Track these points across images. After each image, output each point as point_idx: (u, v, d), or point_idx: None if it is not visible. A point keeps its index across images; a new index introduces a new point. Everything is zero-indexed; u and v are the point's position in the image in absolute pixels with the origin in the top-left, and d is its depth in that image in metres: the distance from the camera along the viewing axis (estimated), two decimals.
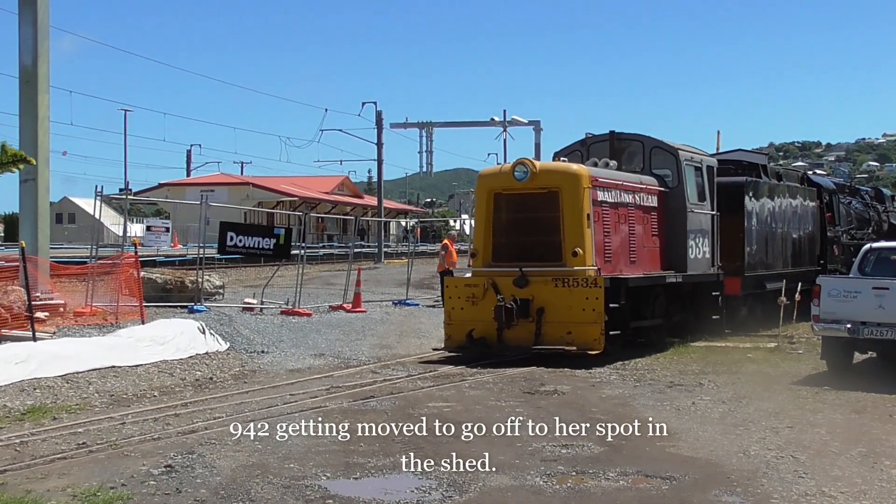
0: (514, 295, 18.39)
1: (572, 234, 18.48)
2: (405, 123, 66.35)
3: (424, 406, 13.55)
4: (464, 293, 19.05)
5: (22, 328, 18.58)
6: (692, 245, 21.63)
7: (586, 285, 18.11)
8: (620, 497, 8.99)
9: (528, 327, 18.31)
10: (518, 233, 19.12)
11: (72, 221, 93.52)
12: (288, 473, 9.70)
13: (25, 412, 13.16)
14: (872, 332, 15.91)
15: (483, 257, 19.30)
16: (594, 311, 17.99)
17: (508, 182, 19.00)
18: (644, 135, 21.95)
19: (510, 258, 18.95)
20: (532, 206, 18.97)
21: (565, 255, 18.48)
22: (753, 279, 24.65)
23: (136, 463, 10.10)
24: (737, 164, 25.98)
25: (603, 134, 22.01)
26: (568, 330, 18.10)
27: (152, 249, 38.86)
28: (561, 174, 19.02)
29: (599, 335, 17.94)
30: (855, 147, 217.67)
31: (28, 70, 23.42)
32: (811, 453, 10.71)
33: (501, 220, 19.19)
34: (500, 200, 19.20)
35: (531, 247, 18.92)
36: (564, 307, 18.14)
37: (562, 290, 18.22)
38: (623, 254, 19.90)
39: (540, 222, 18.95)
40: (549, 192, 18.78)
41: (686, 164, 21.65)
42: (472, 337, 18.73)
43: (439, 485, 9.30)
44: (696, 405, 13.64)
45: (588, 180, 18.77)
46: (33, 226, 22.94)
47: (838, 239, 30.66)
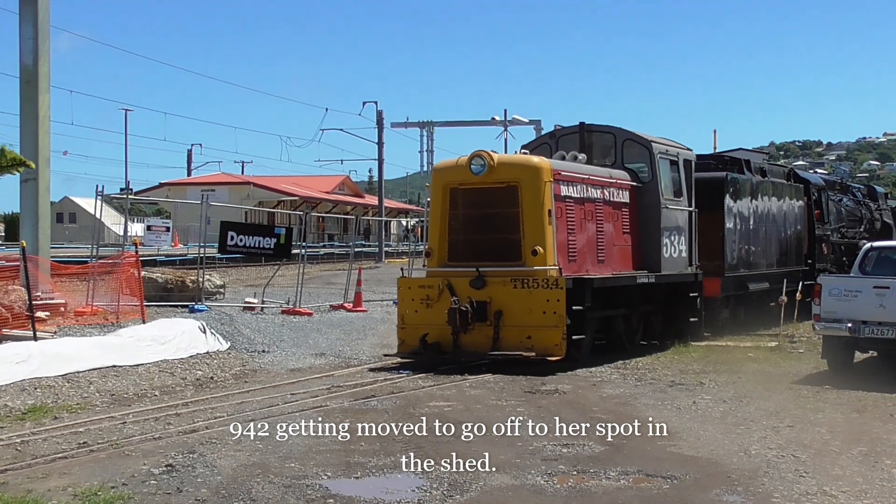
0: (470, 297, 17.29)
1: (532, 232, 17.40)
2: (406, 123, 66.42)
3: (425, 405, 13.55)
4: (418, 295, 17.90)
5: (23, 328, 18.58)
6: (667, 243, 20.55)
7: (546, 286, 16.97)
8: (621, 496, 8.99)
9: (486, 331, 17.23)
10: (475, 230, 18.00)
11: (72, 221, 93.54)
12: (289, 473, 9.70)
13: (26, 412, 13.16)
14: (873, 332, 15.92)
15: (438, 257, 18.18)
16: (555, 314, 16.88)
17: (465, 176, 17.85)
18: (616, 126, 20.96)
19: (467, 257, 17.84)
20: (490, 201, 17.92)
21: (525, 254, 17.39)
22: (735, 280, 23.72)
23: (137, 462, 10.09)
24: (718, 160, 25.15)
25: (572, 126, 21.03)
26: (528, 334, 16.99)
27: (153, 249, 38.86)
28: (520, 167, 17.86)
29: (560, 340, 16.83)
30: (856, 146, 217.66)
31: (28, 70, 23.41)
32: (812, 452, 10.70)
33: (458, 217, 18.07)
34: (456, 196, 18.09)
35: (489, 245, 17.82)
36: (524, 310, 17.05)
37: (521, 292, 17.11)
38: (590, 253, 18.82)
39: (498, 219, 17.82)
40: (507, 187, 17.66)
41: (660, 158, 20.55)
42: (425, 342, 17.65)
43: (440, 484, 9.29)
44: (697, 404, 13.64)
45: (549, 174, 17.70)
46: (34, 225, 22.93)
47: (827, 237, 29.76)
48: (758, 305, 24.82)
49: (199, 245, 28.04)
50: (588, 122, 20.76)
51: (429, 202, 18.45)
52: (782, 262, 26.34)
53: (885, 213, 35.91)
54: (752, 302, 24.71)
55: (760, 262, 25.10)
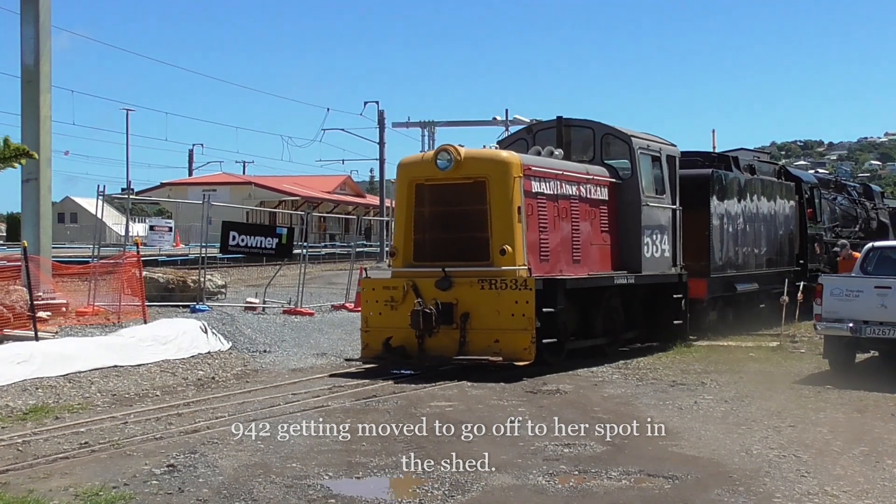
0: (436, 298, 16.49)
1: (500, 230, 16.58)
2: (407, 123, 66.44)
3: (426, 405, 13.54)
4: (382, 296, 17.05)
5: (24, 328, 18.59)
6: (648, 243, 19.70)
7: (515, 287, 16.16)
8: (623, 496, 8.99)
9: (452, 335, 16.42)
10: (442, 228, 17.18)
11: (74, 221, 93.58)
12: (290, 473, 9.70)
13: (28, 412, 13.16)
14: (875, 332, 15.92)
15: (403, 256, 17.34)
16: (524, 316, 16.07)
17: (431, 171, 17.05)
18: (595, 121, 20.05)
19: (434, 257, 17.00)
20: (457, 198, 17.04)
21: (493, 253, 16.57)
22: (722, 281, 22.94)
23: (138, 462, 10.09)
24: (705, 157, 24.31)
25: (550, 120, 20.26)
26: (495, 338, 16.18)
27: (154, 249, 38.87)
28: (488, 162, 17.02)
29: (530, 344, 16.01)
30: (857, 146, 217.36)
31: (30, 69, 23.42)
32: (813, 452, 10.70)
33: (424, 215, 17.24)
34: (422, 192, 17.25)
35: (457, 244, 17.00)
36: (491, 312, 16.26)
37: (488, 293, 16.31)
38: (564, 252, 18.00)
39: (466, 216, 17.02)
40: (474, 183, 16.83)
41: (641, 153, 19.68)
42: (389, 345, 16.81)
43: (441, 484, 9.29)
44: (699, 404, 13.63)
45: (519, 169, 16.85)
46: (35, 225, 22.94)
47: (820, 237, 28.92)
48: (747, 307, 24.31)
49: (201, 245, 28.05)
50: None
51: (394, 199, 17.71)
52: (772, 263, 25.69)
53: (881, 212, 35.17)
54: (740, 304, 24.10)
55: (749, 262, 24.40)
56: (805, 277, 25.78)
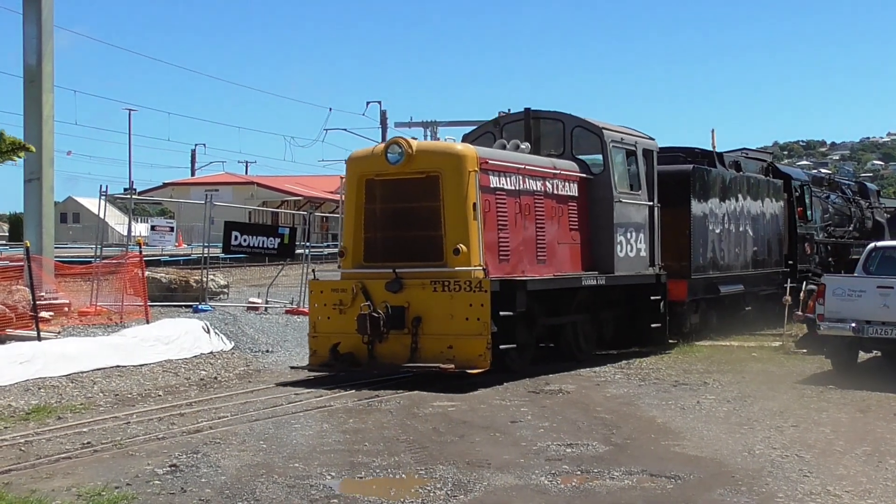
0: (386, 301, 15.52)
1: (454, 228, 15.55)
2: (410, 123, 66.33)
3: (429, 405, 13.55)
4: (330, 299, 16.06)
5: (26, 328, 18.60)
6: (622, 241, 18.66)
7: (469, 289, 15.13)
8: (625, 496, 8.99)
9: (403, 340, 15.44)
10: (394, 227, 16.18)
11: (76, 221, 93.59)
12: (293, 473, 9.70)
13: (30, 412, 13.18)
14: (877, 331, 15.91)
15: (353, 256, 16.32)
16: (479, 320, 15.06)
17: (381, 166, 16.02)
18: (565, 112, 18.92)
19: (385, 257, 16.03)
20: (409, 194, 16.03)
21: (447, 253, 15.54)
22: (704, 282, 21.78)
23: (140, 462, 10.10)
24: (688, 153, 23.20)
25: (517, 112, 19.21)
26: (449, 343, 15.18)
27: (157, 249, 38.82)
28: (440, 155, 15.97)
29: (485, 350, 15.02)
30: (860, 146, 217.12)
31: (32, 69, 23.43)
32: (816, 452, 10.69)
33: (374, 212, 16.25)
34: (372, 188, 16.26)
35: (409, 243, 16.02)
36: (444, 316, 15.25)
37: (441, 296, 15.30)
38: (527, 251, 16.94)
39: (418, 214, 16.00)
40: (427, 178, 15.81)
41: (613, 147, 18.64)
42: (337, 352, 15.86)
43: (444, 485, 9.29)
44: (701, 404, 13.63)
45: (475, 162, 15.76)
46: (38, 225, 22.95)
47: (811, 237, 27.81)
48: (732, 310, 23.38)
49: (203, 245, 28.05)
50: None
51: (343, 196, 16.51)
52: (759, 264, 24.57)
53: (876, 211, 34.23)
54: (725, 306, 23.06)
55: (734, 263, 23.30)
56: (794, 279, 25.03)
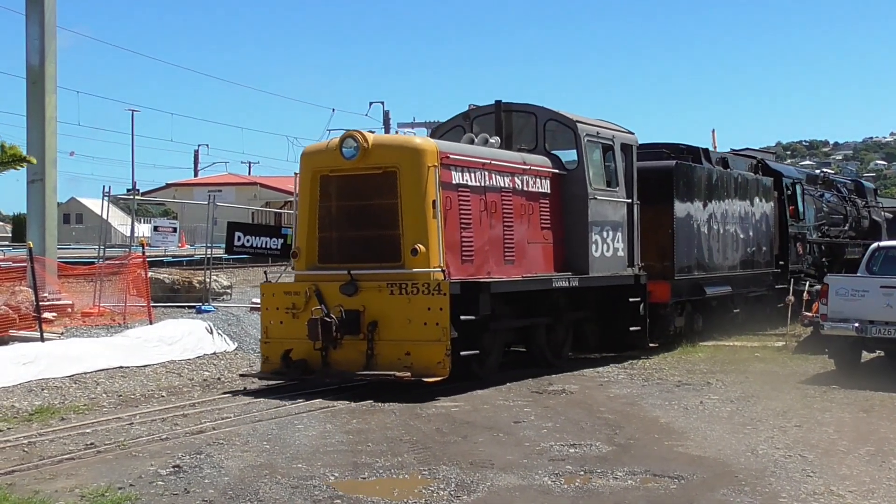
0: (341, 305, 14.71)
1: (412, 227, 14.72)
2: (413, 123, 66.36)
3: (432, 406, 13.55)
4: (282, 303, 15.29)
5: (30, 329, 18.62)
6: (597, 241, 17.81)
7: (428, 292, 14.33)
8: (629, 496, 8.98)
9: (359, 346, 14.64)
10: (349, 225, 15.36)
11: (79, 222, 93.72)
12: (296, 473, 9.70)
13: (33, 413, 13.19)
14: (880, 331, 15.91)
15: (307, 257, 15.52)
16: (437, 325, 14.23)
17: (336, 161, 15.19)
18: (537, 105, 18.10)
19: (340, 258, 15.24)
20: (365, 191, 15.21)
21: (404, 253, 14.74)
22: (688, 283, 20.84)
23: (144, 463, 10.10)
24: (672, 148, 22.22)
25: (488, 105, 18.19)
26: (406, 350, 14.37)
27: (160, 249, 38.86)
28: (398, 150, 15.13)
29: (444, 357, 14.19)
30: (862, 146, 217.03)
31: (35, 70, 23.45)
32: (819, 452, 10.69)
33: (329, 210, 15.44)
34: (327, 185, 15.45)
35: (365, 243, 15.21)
36: (402, 320, 14.43)
37: (398, 299, 14.47)
38: (494, 252, 16.07)
39: (375, 212, 15.17)
40: (384, 173, 14.97)
41: (588, 141, 17.74)
42: (289, 359, 15.04)
43: (447, 485, 9.29)
44: (705, 404, 13.63)
45: (434, 157, 14.90)
46: (41, 226, 22.98)
47: (803, 236, 26.90)
48: (719, 312, 22.52)
49: (206, 246, 28.08)
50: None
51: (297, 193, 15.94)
52: (748, 264, 23.72)
53: (873, 210, 33.45)
54: (711, 308, 22.18)
55: (720, 263, 22.35)
56: (785, 280, 24.73)
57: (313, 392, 14.46)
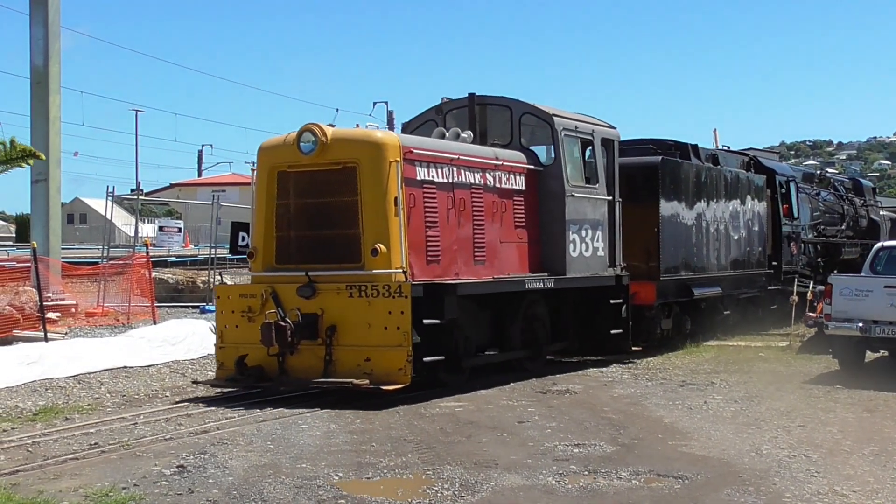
0: (298, 308, 13.97)
1: (373, 226, 14.02)
2: None
3: (436, 405, 13.54)
4: (238, 306, 14.52)
5: (34, 329, 18.67)
6: (575, 240, 17.08)
7: (388, 295, 13.58)
8: (633, 496, 8.98)
9: (317, 352, 13.94)
10: (308, 224, 14.66)
11: (83, 222, 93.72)
12: (300, 473, 9.70)
13: (37, 413, 13.19)
14: (884, 331, 15.90)
15: (263, 258, 14.79)
16: (398, 329, 13.51)
17: (294, 156, 14.48)
18: (512, 98, 17.36)
19: (299, 259, 14.53)
20: (324, 187, 14.50)
21: (364, 254, 14.04)
22: (675, 284, 20.16)
23: (148, 463, 10.11)
24: (659, 144, 21.43)
25: (462, 98, 17.44)
26: (366, 356, 13.66)
27: (164, 250, 38.95)
28: (358, 144, 14.31)
29: (405, 363, 13.49)
30: (866, 145, 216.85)
31: (39, 71, 23.50)
32: (823, 452, 10.68)
33: (287, 208, 14.74)
34: (285, 181, 14.73)
35: (325, 243, 14.49)
36: (362, 325, 13.71)
37: (357, 302, 13.74)
38: (463, 252, 15.37)
39: (334, 209, 14.47)
40: (343, 169, 14.27)
41: (566, 135, 17.02)
42: (244, 365, 14.29)
43: (451, 485, 9.28)
44: (708, 404, 13.62)
45: (397, 152, 14.19)
46: (45, 226, 23.03)
47: (797, 235, 26.29)
48: (709, 314, 21.89)
49: (210, 246, 28.12)
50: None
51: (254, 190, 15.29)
52: (739, 264, 23.03)
53: (872, 209, 32.93)
54: (700, 310, 21.48)
55: (709, 263, 21.63)
56: (779, 280, 24.50)
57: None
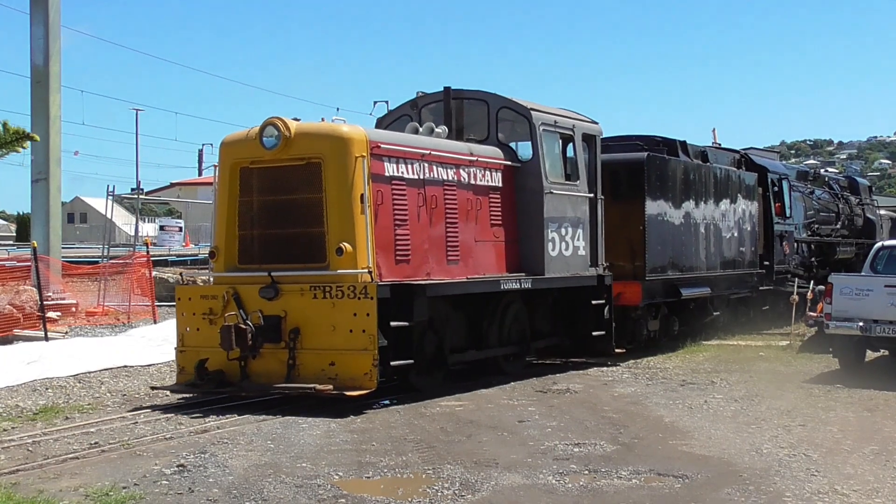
0: (261, 310, 13.45)
1: (337, 224, 13.46)
2: None
3: (436, 405, 13.54)
4: (199, 308, 13.97)
5: (34, 328, 18.68)
6: (554, 238, 16.55)
7: (354, 296, 13.04)
8: (633, 496, 8.97)
9: (280, 356, 13.39)
10: (272, 222, 14.09)
11: (83, 221, 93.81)
12: (300, 472, 9.70)
13: (38, 412, 13.19)
14: (884, 330, 15.91)
15: (226, 258, 14.24)
16: (364, 332, 12.97)
17: (257, 151, 13.90)
18: (490, 92, 16.75)
19: (261, 259, 13.99)
20: (288, 184, 13.96)
21: (329, 253, 13.50)
22: (662, 284, 19.62)
23: (148, 462, 10.10)
24: (647, 141, 20.82)
25: (437, 92, 16.90)
26: (331, 360, 13.12)
27: (164, 249, 38.96)
28: (322, 139, 13.74)
29: (371, 367, 12.93)
30: (867, 145, 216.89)
31: (39, 70, 23.49)
32: (823, 451, 10.67)
33: (250, 206, 14.16)
34: (247, 177, 14.15)
35: (289, 242, 13.96)
36: (326, 327, 13.17)
37: (322, 303, 13.19)
38: (434, 251, 14.85)
39: (298, 207, 13.91)
40: (307, 165, 13.71)
41: (544, 130, 16.52)
42: (204, 369, 13.71)
43: (451, 484, 9.28)
44: (709, 403, 13.62)
45: (363, 146, 13.64)
46: (45, 225, 23.03)
47: (790, 234, 25.88)
48: (699, 315, 21.47)
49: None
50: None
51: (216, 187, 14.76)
52: (729, 264, 22.51)
53: (868, 207, 32.53)
54: (689, 311, 21.05)
55: (698, 263, 21.06)
56: (771, 281, 24.25)
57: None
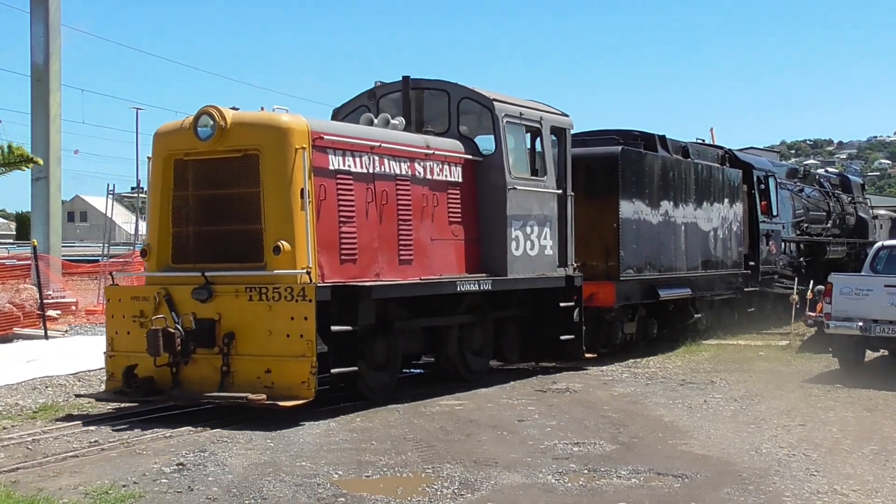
0: (194, 313, 12.58)
1: (275, 221, 12.62)
2: None
3: (436, 404, 13.55)
4: (130, 310, 13.06)
5: (34, 326, 18.68)
6: (518, 237, 15.69)
7: (291, 298, 12.20)
8: (632, 495, 8.97)
9: (213, 362, 12.51)
10: (206, 219, 13.17)
11: (83, 220, 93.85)
12: (300, 471, 9.70)
13: (37, 410, 13.19)
14: (884, 330, 15.92)
15: (158, 256, 13.35)
16: (302, 337, 12.13)
17: (191, 143, 12.99)
18: (450, 81, 15.89)
19: (196, 258, 13.11)
20: (224, 178, 13.03)
21: (267, 252, 12.66)
22: (638, 285, 18.76)
23: (148, 461, 10.10)
24: (624, 135, 19.86)
25: (396, 82, 16.03)
26: (267, 367, 12.27)
27: None
28: (259, 129, 12.83)
29: (309, 376, 12.09)
30: (867, 145, 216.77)
31: (40, 68, 23.49)
32: (823, 451, 10.68)
33: (185, 201, 13.25)
34: (182, 170, 13.24)
35: (224, 240, 13.08)
36: (262, 332, 12.34)
37: (258, 306, 12.35)
38: (385, 250, 13.98)
39: (234, 202, 13.02)
40: (244, 157, 12.82)
41: (508, 123, 15.59)
42: (134, 375, 12.79)
43: (451, 483, 9.28)
44: (708, 403, 13.62)
45: (304, 137, 12.78)
46: (45, 224, 23.03)
47: (777, 234, 25.07)
48: (679, 317, 20.75)
49: None
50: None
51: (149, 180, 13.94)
52: (711, 264, 21.58)
53: (860, 206, 31.85)
54: (668, 313, 20.33)
55: (678, 263, 20.17)
56: (756, 281, 23.73)
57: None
